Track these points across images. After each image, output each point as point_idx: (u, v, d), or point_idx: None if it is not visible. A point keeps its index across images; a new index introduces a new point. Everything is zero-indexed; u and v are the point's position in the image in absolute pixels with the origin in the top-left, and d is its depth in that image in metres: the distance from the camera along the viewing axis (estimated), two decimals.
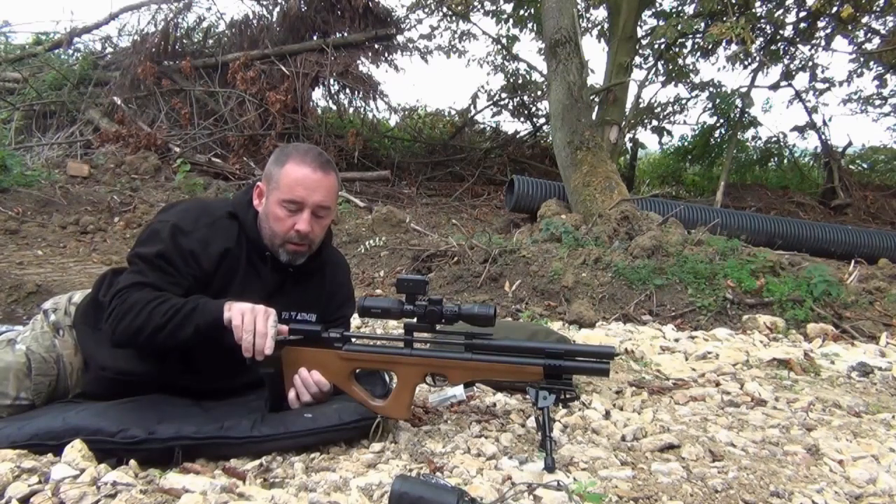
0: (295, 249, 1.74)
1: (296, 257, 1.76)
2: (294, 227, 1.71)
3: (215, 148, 8.05)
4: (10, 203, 5.52)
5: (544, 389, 1.63)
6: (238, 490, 1.38)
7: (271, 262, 1.77)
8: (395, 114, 10.75)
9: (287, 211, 1.70)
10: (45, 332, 1.79)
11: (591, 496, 1.37)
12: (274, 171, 1.73)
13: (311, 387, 1.70)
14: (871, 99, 10.88)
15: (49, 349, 1.75)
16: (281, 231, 1.71)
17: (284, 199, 1.69)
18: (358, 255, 5.12)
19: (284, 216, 1.70)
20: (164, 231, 1.67)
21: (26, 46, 10.08)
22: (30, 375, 1.69)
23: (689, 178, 12.04)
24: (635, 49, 9.65)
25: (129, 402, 1.66)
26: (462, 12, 10.76)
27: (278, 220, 1.71)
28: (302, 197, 1.70)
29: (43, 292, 3.59)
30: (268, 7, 9.18)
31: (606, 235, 4.92)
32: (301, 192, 1.69)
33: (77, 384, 1.77)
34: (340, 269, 1.98)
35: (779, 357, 2.93)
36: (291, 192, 1.69)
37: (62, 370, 1.75)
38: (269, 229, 1.74)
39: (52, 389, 1.73)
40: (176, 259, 1.66)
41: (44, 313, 1.84)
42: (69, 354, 1.77)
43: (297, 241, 1.73)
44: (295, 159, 1.72)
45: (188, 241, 1.67)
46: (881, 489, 1.55)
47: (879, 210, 9.72)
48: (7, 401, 1.66)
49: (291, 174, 1.70)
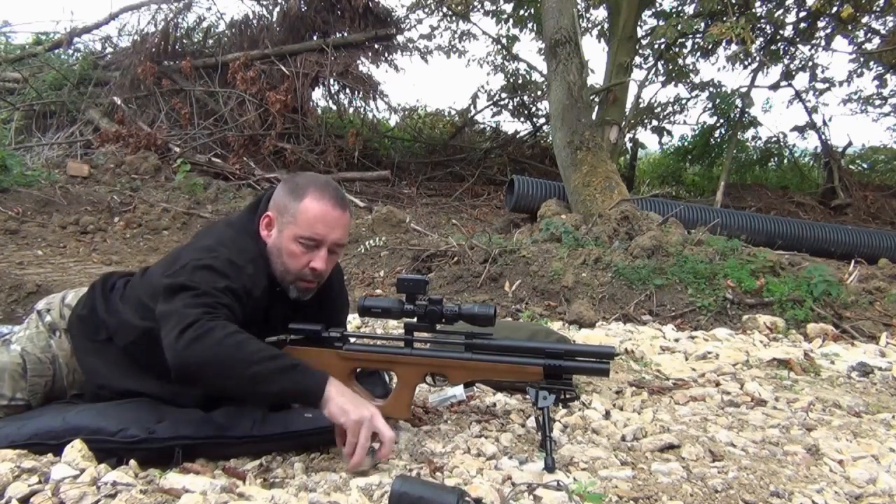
0: (306, 287, 1.69)
1: (305, 294, 1.71)
2: (309, 265, 1.64)
3: (215, 148, 8.05)
4: (10, 203, 5.52)
5: (544, 389, 1.63)
6: (238, 490, 1.38)
7: (280, 296, 1.71)
8: (395, 114, 10.77)
9: (303, 248, 1.63)
10: (41, 332, 1.77)
11: (591, 496, 1.37)
12: (289, 204, 1.64)
13: None
14: (871, 99, 10.88)
15: (44, 349, 1.74)
16: (295, 268, 1.65)
17: (303, 236, 1.62)
18: (358, 255, 5.12)
19: (300, 253, 1.63)
20: (224, 267, 1.54)
21: (26, 46, 10.08)
22: (25, 376, 1.68)
23: (689, 178, 12.05)
24: (635, 49, 9.65)
25: (129, 401, 1.65)
26: (462, 12, 10.75)
27: (293, 256, 1.64)
28: (322, 235, 1.63)
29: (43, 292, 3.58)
30: (268, 7, 9.19)
31: (606, 235, 4.92)
32: (322, 229, 1.63)
33: (73, 385, 1.76)
34: (336, 280, 1.92)
35: (779, 357, 2.93)
36: (311, 230, 1.62)
37: (58, 370, 1.74)
38: (280, 265, 1.66)
39: (48, 390, 1.72)
40: (242, 297, 1.55)
41: (38, 314, 1.81)
42: (65, 356, 1.75)
43: (311, 278, 1.67)
44: (313, 194, 1.63)
45: (245, 278, 1.57)
46: (881, 489, 1.55)
47: (879, 210, 9.71)
48: (3, 401, 1.66)
49: (311, 210, 1.62)
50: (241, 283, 1.55)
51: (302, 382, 1.46)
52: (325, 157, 8.41)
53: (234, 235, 1.68)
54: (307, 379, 1.47)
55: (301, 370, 1.47)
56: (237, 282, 1.54)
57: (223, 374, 1.42)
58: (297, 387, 1.46)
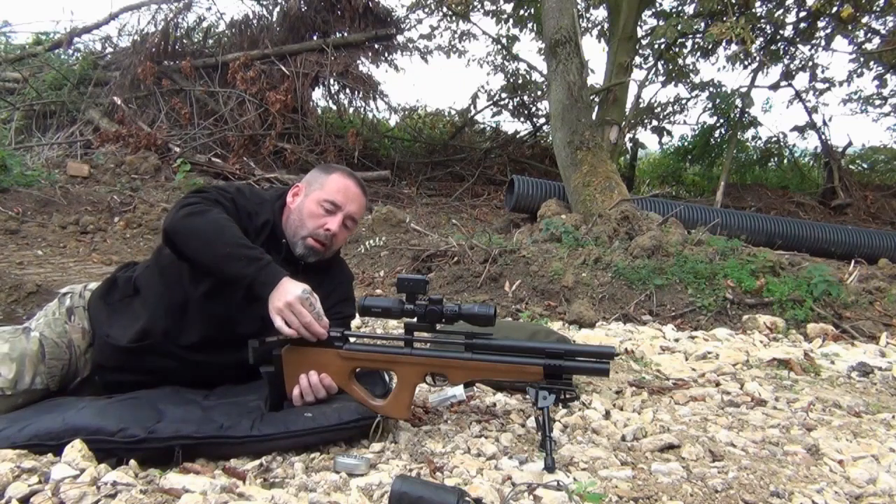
0: (314, 245, 1.86)
1: (311, 253, 1.87)
2: (325, 226, 1.85)
3: (215, 148, 8.05)
4: (10, 203, 5.52)
5: (544, 389, 1.63)
6: (238, 490, 1.38)
7: (285, 251, 1.87)
8: (395, 114, 10.79)
9: (323, 209, 1.86)
10: (58, 318, 1.87)
11: (591, 496, 1.37)
12: (319, 176, 1.92)
13: (319, 391, 1.71)
14: (871, 99, 10.89)
15: (61, 334, 1.83)
16: (311, 225, 1.85)
17: (325, 199, 1.86)
18: (358, 255, 5.12)
19: (320, 213, 1.86)
20: (230, 189, 1.84)
21: (26, 46, 10.06)
22: (44, 360, 1.75)
23: (689, 178, 12.06)
24: (635, 49, 9.66)
25: (129, 400, 1.66)
26: (462, 12, 10.76)
27: (313, 215, 1.85)
28: (341, 202, 1.87)
29: (43, 292, 3.58)
30: (268, 7, 9.19)
31: (606, 235, 4.92)
32: (341, 197, 1.88)
33: (85, 366, 1.84)
34: (344, 275, 2.07)
35: (779, 357, 2.93)
36: (333, 195, 1.87)
37: (73, 353, 1.83)
38: (298, 221, 1.86)
39: (65, 373, 1.80)
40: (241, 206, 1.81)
41: (59, 298, 1.92)
42: (78, 338, 1.85)
43: (322, 238, 1.86)
44: (341, 172, 1.93)
45: (246, 204, 1.83)
46: (881, 489, 1.55)
47: (879, 210, 9.72)
48: (23, 386, 1.71)
49: (337, 181, 1.90)
50: (244, 204, 1.82)
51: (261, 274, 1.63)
52: (325, 157, 8.41)
53: (250, 186, 1.98)
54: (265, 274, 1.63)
55: (264, 264, 1.64)
56: (242, 200, 1.82)
57: (203, 244, 1.65)
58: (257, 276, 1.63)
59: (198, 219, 1.66)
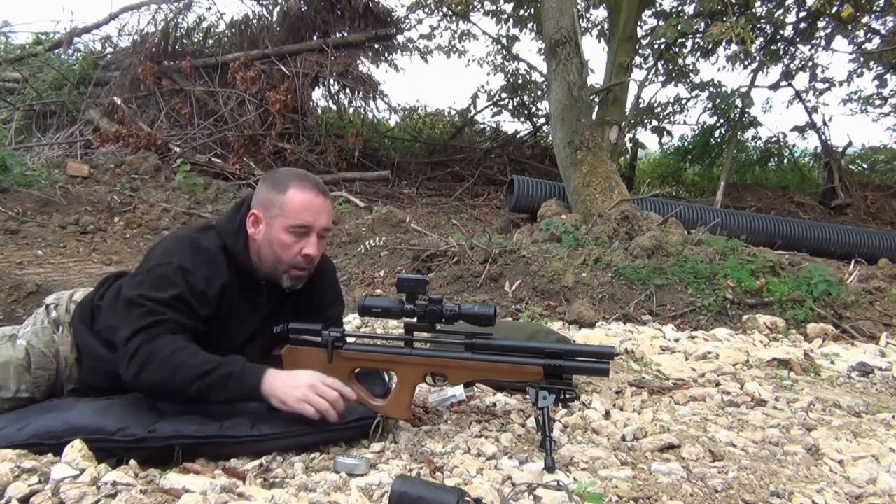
0: (299, 274, 1.75)
1: (297, 282, 1.77)
2: (302, 252, 1.71)
3: (215, 148, 8.05)
4: (10, 203, 5.52)
5: (544, 389, 1.63)
6: (238, 490, 1.38)
7: (267, 291, 1.78)
8: (395, 114, 10.78)
9: (294, 237, 1.70)
10: (46, 327, 1.83)
11: (591, 496, 1.37)
12: (274, 197, 1.71)
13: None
14: (871, 99, 10.88)
15: (48, 344, 1.79)
16: (288, 257, 1.71)
17: (293, 225, 1.69)
18: (358, 255, 5.12)
19: (292, 242, 1.70)
20: (174, 274, 1.62)
21: (26, 46, 10.06)
22: (29, 370, 1.72)
23: (689, 178, 12.05)
24: (635, 49, 9.65)
25: (129, 399, 1.66)
26: (462, 12, 10.75)
27: (285, 246, 1.70)
28: (310, 221, 1.70)
29: (43, 292, 3.59)
30: (268, 7, 9.18)
31: (606, 235, 4.91)
32: (309, 216, 1.70)
33: (71, 379, 1.80)
34: (328, 275, 1.97)
35: (779, 357, 2.93)
36: (300, 218, 1.69)
37: (60, 364, 1.79)
38: (272, 256, 1.72)
39: (51, 383, 1.76)
40: (192, 301, 1.63)
41: (45, 308, 1.88)
42: (66, 350, 1.80)
43: (304, 265, 1.74)
44: (295, 185, 1.71)
45: (196, 281, 1.64)
46: (881, 489, 1.55)
47: (879, 210, 9.72)
48: (8, 394, 1.69)
49: (297, 200, 1.70)
50: (190, 289, 1.63)
51: (240, 389, 1.58)
52: (325, 157, 8.41)
53: (193, 240, 1.72)
54: (243, 385, 1.58)
55: (236, 377, 1.57)
56: (186, 288, 1.62)
57: (172, 392, 1.57)
58: (238, 394, 1.58)
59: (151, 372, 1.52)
